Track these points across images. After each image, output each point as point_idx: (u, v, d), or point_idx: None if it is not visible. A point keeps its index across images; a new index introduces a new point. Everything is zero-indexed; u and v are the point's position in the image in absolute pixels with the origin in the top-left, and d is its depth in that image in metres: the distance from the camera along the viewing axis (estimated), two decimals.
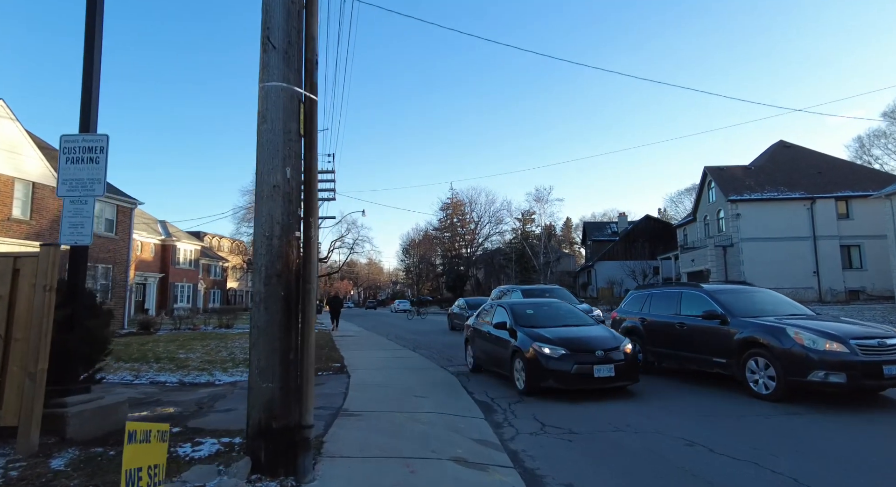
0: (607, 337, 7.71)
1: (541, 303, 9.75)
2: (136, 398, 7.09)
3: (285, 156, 4.10)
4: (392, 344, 15.87)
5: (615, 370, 7.10)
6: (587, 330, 8.10)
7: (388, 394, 7.40)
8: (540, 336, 7.57)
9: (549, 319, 8.61)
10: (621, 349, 7.40)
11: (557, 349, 7.21)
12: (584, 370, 7.03)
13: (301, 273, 4.15)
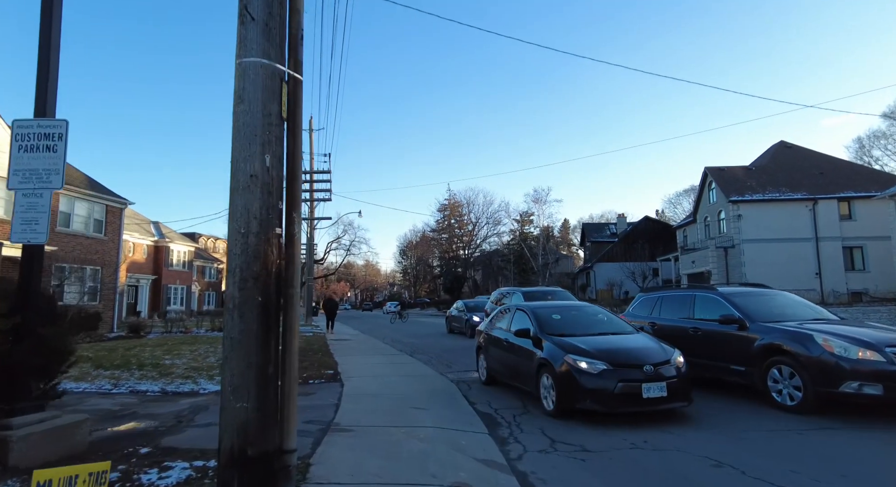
0: (654, 348, 6.44)
1: (568, 306, 8.48)
2: (111, 410, 6.56)
3: (265, 142, 3.59)
4: (389, 348, 15.35)
5: (667, 389, 5.85)
6: (629, 340, 6.84)
7: (383, 405, 6.88)
8: (574, 347, 6.35)
9: (580, 325, 7.40)
10: (672, 362, 6.14)
11: (596, 364, 5.99)
12: (631, 389, 5.79)
13: (282, 276, 3.65)
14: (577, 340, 6.65)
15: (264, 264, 3.48)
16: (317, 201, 32.32)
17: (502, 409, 6.97)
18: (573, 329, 7.16)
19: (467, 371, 10.55)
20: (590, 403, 5.92)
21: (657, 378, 5.90)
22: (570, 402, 6.07)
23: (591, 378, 5.94)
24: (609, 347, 6.40)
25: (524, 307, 8.11)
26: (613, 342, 6.69)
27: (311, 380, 8.94)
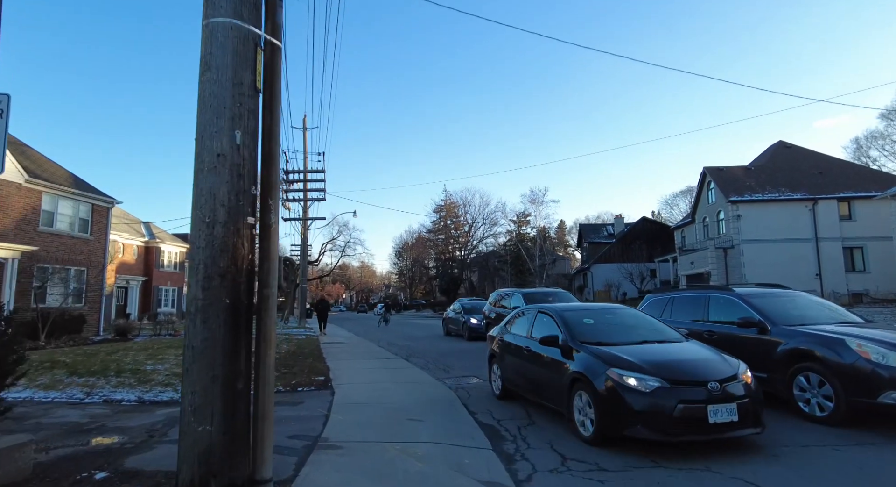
0: (716, 360, 5.31)
1: (600, 309, 7.21)
2: (77, 423, 5.98)
3: (235, 115, 3.05)
4: (383, 352, 14.78)
5: (738, 412, 4.71)
6: (682, 349, 5.69)
7: (377, 417, 6.33)
8: (618, 359, 5.22)
9: (618, 331, 6.29)
10: (740, 377, 5.01)
11: (648, 380, 4.88)
12: (694, 412, 4.65)
13: (256, 273, 3.10)
14: (619, 349, 5.51)
15: (233, 260, 2.94)
16: (311, 200, 31.79)
17: (506, 420, 6.43)
18: (610, 336, 6.01)
19: (466, 377, 10.02)
20: (641, 429, 4.73)
21: (725, 398, 4.76)
22: (615, 427, 4.91)
23: (641, 398, 4.79)
24: (661, 358, 5.28)
25: (548, 310, 6.94)
26: (664, 352, 5.58)
27: (301, 387, 8.38)
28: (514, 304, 14.09)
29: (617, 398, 4.93)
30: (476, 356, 13.47)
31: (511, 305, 14.18)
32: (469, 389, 8.63)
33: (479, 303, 20.70)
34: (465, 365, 11.66)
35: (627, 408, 4.84)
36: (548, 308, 7.05)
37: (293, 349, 14.23)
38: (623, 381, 4.97)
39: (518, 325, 7.56)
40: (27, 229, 17.81)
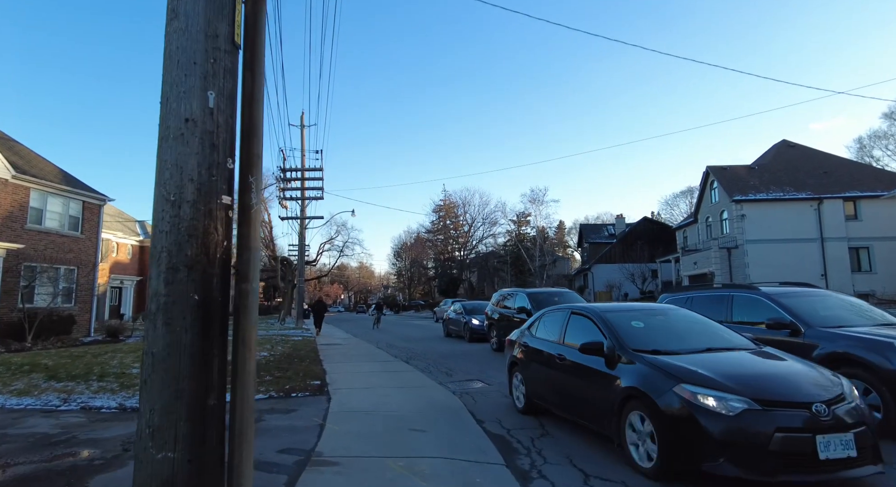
0: (813, 375, 4.24)
1: (647, 309, 6.02)
2: (46, 435, 5.43)
3: (207, 73, 2.52)
4: (382, 354, 14.25)
5: (856, 444, 3.67)
6: (765, 360, 4.60)
7: (377, 427, 5.79)
8: (687, 372, 4.15)
9: (675, 337, 5.18)
10: (849, 398, 3.98)
11: (732, 400, 3.80)
12: (797, 443, 3.61)
13: (233, 264, 2.57)
14: (684, 360, 4.46)
15: (204, 247, 2.41)
16: (308, 199, 31.26)
17: (517, 430, 5.90)
18: (668, 343, 4.93)
19: (469, 381, 9.50)
20: (726, 465, 3.67)
21: (837, 426, 3.68)
22: (687, 460, 3.89)
23: (724, 424, 3.71)
24: (742, 371, 4.21)
25: (585, 311, 5.86)
26: (743, 363, 4.48)
27: (295, 393, 7.84)
28: (517, 304, 13.56)
29: (690, 423, 3.86)
30: (478, 358, 12.96)
31: (515, 305, 13.65)
32: (474, 394, 8.11)
33: (481, 304, 20.18)
34: (467, 368, 11.14)
35: (705, 436, 3.75)
36: (584, 309, 5.99)
37: (288, 351, 13.68)
38: (698, 401, 3.88)
39: (545, 328, 6.52)
40: (14, 226, 17.23)
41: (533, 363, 6.41)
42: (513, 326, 13.52)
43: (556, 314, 6.52)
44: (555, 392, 5.86)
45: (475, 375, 10.21)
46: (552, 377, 5.88)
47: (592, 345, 5.03)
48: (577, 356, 5.32)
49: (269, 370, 9.94)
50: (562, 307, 6.66)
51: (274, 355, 12.66)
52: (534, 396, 6.34)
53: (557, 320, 6.32)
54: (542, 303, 13.01)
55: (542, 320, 6.77)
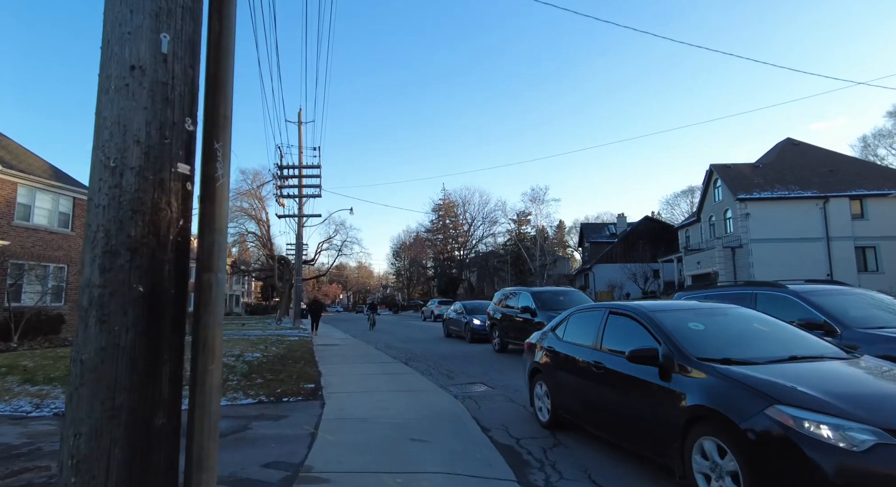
0: None
1: (708, 309, 4.94)
2: (10, 446, 4.92)
3: (160, 10, 2.02)
4: (381, 355, 13.75)
5: None
6: (882, 375, 3.66)
7: (374, 436, 5.30)
8: (783, 390, 3.18)
9: (747, 342, 4.26)
10: None
11: (853, 429, 2.83)
12: None
13: (190, 249, 2.08)
14: (769, 372, 3.47)
15: (152, 226, 1.91)
16: (306, 197, 30.76)
17: (527, 439, 5.41)
18: (741, 350, 3.96)
19: (472, 384, 9.02)
20: None
21: None
22: None
23: (846, 462, 2.73)
24: (859, 390, 3.30)
25: (628, 310, 4.87)
26: (854, 378, 3.56)
27: (287, 397, 7.34)
28: (521, 304, 13.07)
29: (796, 459, 2.82)
30: (480, 359, 12.47)
31: (519, 305, 13.15)
32: (477, 399, 7.62)
33: (481, 304, 19.70)
34: (469, 370, 10.65)
35: (818, 480, 2.73)
36: (626, 308, 4.98)
37: (282, 353, 13.17)
38: (804, 429, 2.87)
39: (576, 330, 5.61)
40: (0, 222, 16.71)
41: (561, 372, 5.55)
42: (516, 326, 13.07)
43: (590, 314, 5.59)
44: (590, 407, 4.96)
45: (478, 377, 9.73)
46: (587, 389, 4.99)
47: (644, 352, 4.02)
48: (621, 364, 4.41)
49: (260, 372, 9.45)
50: (596, 306, 5.73)
51: (267, 356, 12.15)
52: (561, 409, 5.48)
53: (591, 321, 5.35)
54: (547, 302, 12.54)
55: (571, 321, 5.85)
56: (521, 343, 13.09)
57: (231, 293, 70.88)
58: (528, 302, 12.75)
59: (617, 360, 4.53)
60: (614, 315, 5.05)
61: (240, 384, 8.15)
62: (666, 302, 5.38)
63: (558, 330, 5.98)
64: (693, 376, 3.70)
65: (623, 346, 4.52)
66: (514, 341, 13.42)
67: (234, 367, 9.96)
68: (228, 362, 10.69)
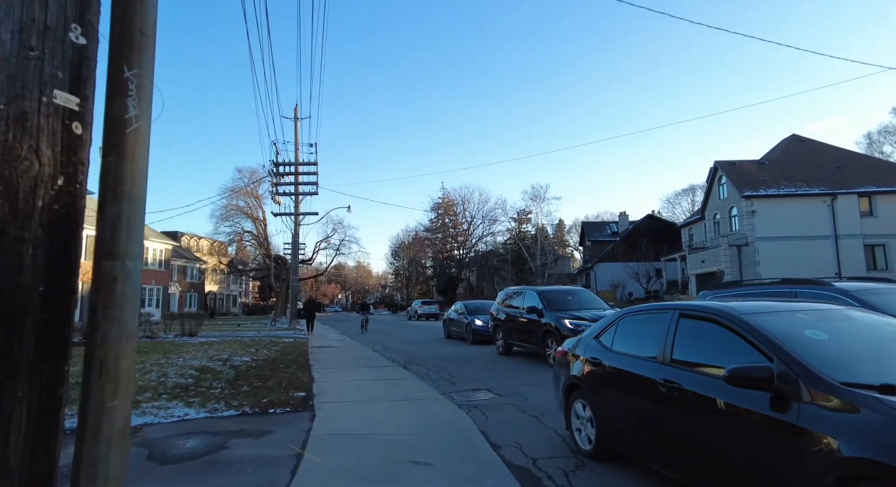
0: None
1: (821, 311, 3.70)
2: None
3: None
4: (378, 358, 13.04)
5: None
6: None
7: (370, 458, 4.59)
8: None
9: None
10: None
11: None
12: None
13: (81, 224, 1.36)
14: None
15: (4, 186, 1.19)
16: (302, 194, 30.07)
17: (543, 459, 4.72)
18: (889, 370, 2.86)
19: (476, 390, 8.34)
20: None
21: None
22: None
23: None
24: None
25: (712, 312, 3.66)
26: None
27: (274, 408, 6.62)
28: (527, 304, 12.37)
29: None
30: (484, 362, 11.79)
31: (524, 305, 12.45)
32: (484, 408, 6.92)
33: (484, 304, 19.02)
34: (472, 375, 9.96)
35: None
36: (705, 310, 3.76)
37: (274, 356, 12.46)
38: None
39: (630, 338, 4.52)
40: None
41: (610, 389, 4.43)
42: (521, 328, 12.39)
43: (649, 317, 4.48)
44: (656, 438, 3.77)
45: (482, 383, 9.04)
46: (651, 414, 3.83)
47: (754, 373, 2.87)
48: (704, 384, 3.31)
49: (248, 379, 8.74)
50: (656, 307, 4.52)
51: (257, 360, 11.43)
52: (611, 437, 4.35)
53: (653, 326, 4.21)
54: (555, 302, 11.86)
55: (623, 325, 4.73)
56: (526, 345, 12.49)
57: (228, 293, 70.08)
58: (534, 302, 12.05)
59: (697, 379, 3.42)
60: (688, 319, 3.88)
61: (223, 393, 7.44)
62: (765, 303, 3.97)
63: (604, 337, 4.85)
64: (833, 408, 2.57)
65: (705, 359, 3.53)
66: (519, 343, 12.73)
67: (219, 373, 9.25)
68: (214, 367, 9.98)
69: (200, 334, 20.74)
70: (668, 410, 3.63)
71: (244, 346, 14.76)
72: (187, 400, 6.87)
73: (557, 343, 10.61)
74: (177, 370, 9.50)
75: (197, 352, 12.79)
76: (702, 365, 3.52)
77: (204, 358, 11.29)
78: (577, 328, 10.49)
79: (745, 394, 2.98)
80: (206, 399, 6.96)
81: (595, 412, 4.59)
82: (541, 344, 11.33)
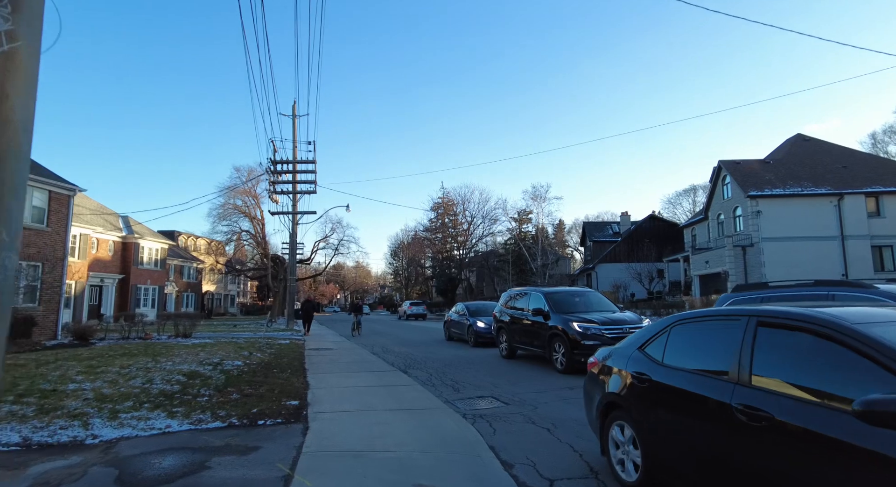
0: None
1: None
2: None
3: None
4: (377, 362, 12.53)
5: None
6: None
7: (367, 481, 4.07)
8: None
9: None
10: None
11: None
12: None
13: None
14: None
15: None
16: (300, 193, 29.52)
17: (562, 480, 4.22)
18: None
19: (481, 398, 7.85)
20: None
21: None
22: None
23: None
24: None
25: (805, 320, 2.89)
26: None
27: (263, 419, 6.11)
28: (532, 305, 11.86)
29: None
30: (487, 366, 11.29)
31: (530, 306, 11.94)
32: (491, 419, 6.41)
33: (486, 305, 18.51)
34: (476, 380, 9.47)
35: None
36: (796, 317, 2.96)
37: (268, 360, 11.94)
38: None
39: (687, 349, 3.69)
40: None
41: (662, 412, 3.57)
42: (526, 330, 11.87)
43: (712, 324, 3.64)
44: (735, 479, 2.93)
45: (487, 389, 8.55)
46: (725, 448, 3.00)
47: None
48: (815, 417, 2.52)
49: (238, 385, 8.22)
50: (725, 312, 3.62)
51: (250, 364, 10.91)
52: (662, 469, 3.57)
53: (720, 335, 3.43)
54: (562, 304, 11.35)
55: (675, 334, 3.86)
56: (531, 349, 11.95)
57: (226, 293, 69.47)
58: (540, 304, 11.55)
59: (795, 407, 2.64)
60: (770, 328, 3.05)
61: (210, 402, 6.92)
62: (854, 308, 3.14)
63: (651, 348, 4.00)
64: None
65: (803, 380, 2.72)
66: (523, 346, 12.23)
67: (208, 378, 8.73)
68: (204, 372, 9.46)
69: (195, 335, 20.21)
70: (749, 443, 2.81)
71: (238, 348, 14.24)
72: (171, 410, 6.35)
73: (565, 347, 10.12)
74: (164, 375, 8.97)
75: (188, 355, 12.27)
76: (799, 388, 2.70)
77: (194, 362, 10.77)
78: (587, 332, 10.00)
79: (886, 436, 2.21)
80: (192, 409, 6.44)
81: (641, 438, 3.76)
82: (547, 348, 10.82)
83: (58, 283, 18.94)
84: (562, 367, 10.18)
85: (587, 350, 9.79)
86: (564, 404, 7.30)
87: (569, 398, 7.66)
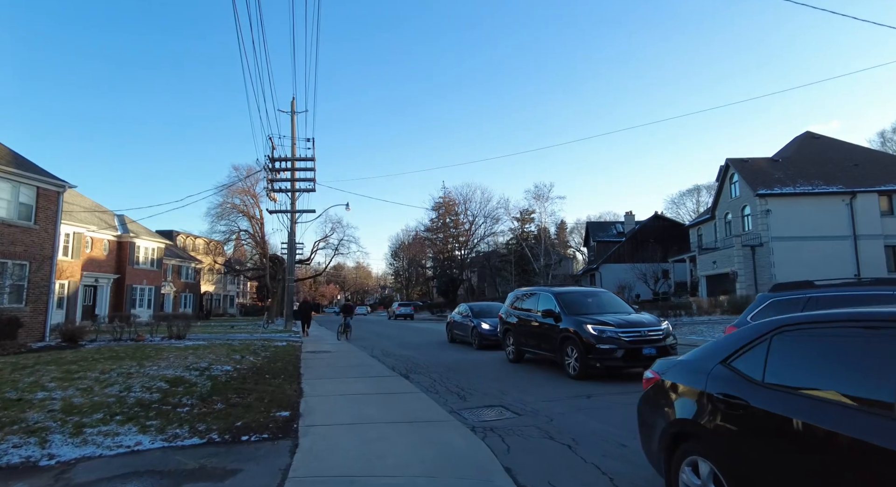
0: None
1: None
2: None
3: None
4: (377, 366, 11.84)
5: None
6: None
7: None
8: None
9: None
10: None
11: None
12: None
13: None
14: None
15: None
16: (299, 191, 28.84)
17: None
18: None
19: (490, 407, 7.16)
20: None
21: None
22: None
23: None
24: None
25: None
26: None
27: (248, 434, 5.41)
28: (542, 307, 11.15)
29: None
30: (494, 371, 10.59)
31: (539, 308, 11.24)
32: (503, 433, 5.71)
33: (493, 306, 17.82)
34: (483, 387, 8.77)
35: None
36: None
37: (261, 364, 11.24)
38: None
39: (798, 365, 2.71)
40: None
41: (767, 449, 2.59)
42: (535, 333, 11.15)
43: (838, 332, 2.57)
44: None
45: (495, 397, 7.86)
46: None
47: None
48: None
49: (225, 393, 7.52)
50: (857, 316, 2.54)
51: (240, 368, 10.21)
52: None
53: (854, 349, 2.45)
54: (573, 305, 10.64)
55: (780, 344, 2.84)
56: (540, 353, 11.22)
57: (225, 294, 68.79)
58: (550, 305, 10.84)
59: None
60: None
61: (190, 413, 6.23)
62: None
63: (742, 362, 3.01)
64: None
65: None
66: (532, 349, 11.51)
67: (193, 385, 8.03)
68: (189, 378, 8.76)
69: (189, 336, 19.55)
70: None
71: (231, 351, 13.55)
72: (144, 424, 5.66)
73: (578, 351, 9.41)
74: (145, 381, 8.28)
75: (177, 358, 11.58)
76: None
77: (181, 367, 10.07)
78: (602, 335, 9.29)
79: None
80: (168, 422, 5.75)
81: (731, 482, 2.79)
82: (558, 352, 10.12)
83: (46, 282, 18.25)
84: (574, 372, 9.47)
85: (602, 355, 9.12)
86: (582, 415, 6.61)
87: (585, 408, 6.98)
